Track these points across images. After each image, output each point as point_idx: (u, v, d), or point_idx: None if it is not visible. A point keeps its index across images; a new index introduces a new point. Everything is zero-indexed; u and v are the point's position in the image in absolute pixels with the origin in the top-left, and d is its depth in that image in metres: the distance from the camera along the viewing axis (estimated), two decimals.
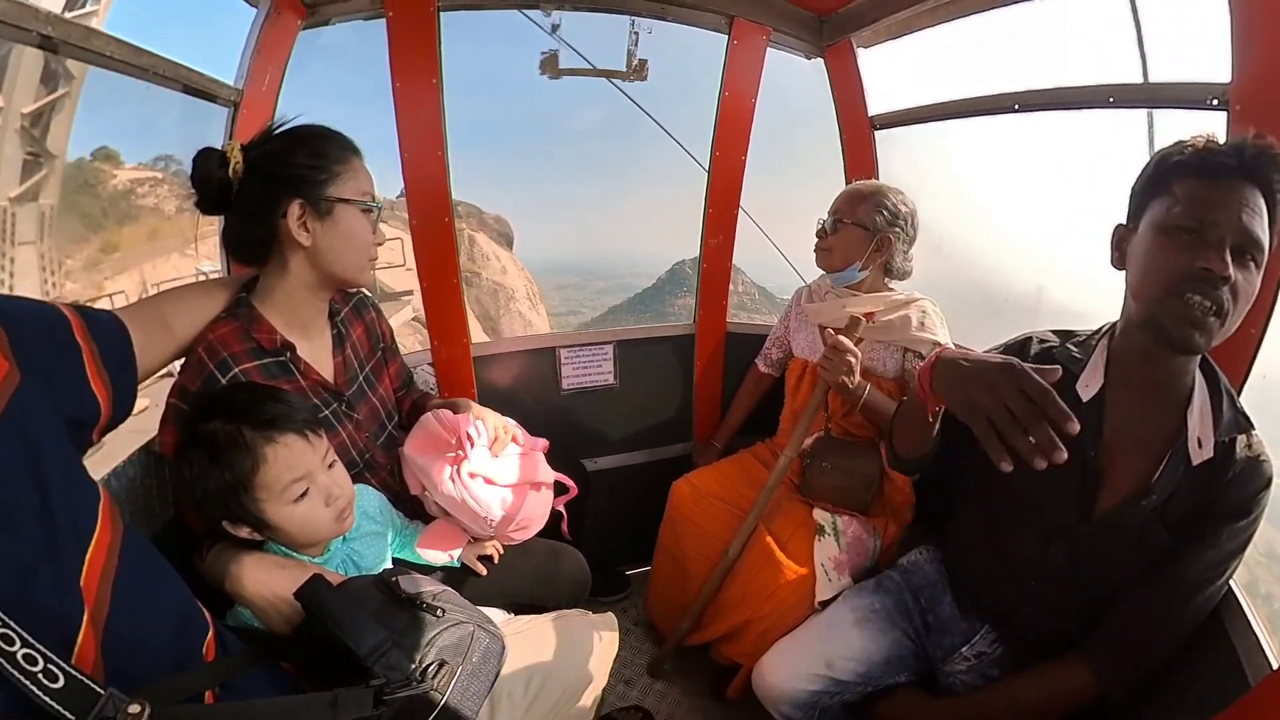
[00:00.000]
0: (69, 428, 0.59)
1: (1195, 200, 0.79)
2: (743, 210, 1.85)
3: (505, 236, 30.78)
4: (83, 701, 0.47)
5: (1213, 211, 0.78)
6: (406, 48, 1.44)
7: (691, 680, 1.60)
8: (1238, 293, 0.78)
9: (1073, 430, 0.63)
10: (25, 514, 0.49)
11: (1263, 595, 15.94)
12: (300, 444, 0.80)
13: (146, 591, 0.59)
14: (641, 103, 2.32)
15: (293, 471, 0.79)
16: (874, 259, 1.44)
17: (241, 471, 0.76)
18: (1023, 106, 1.42)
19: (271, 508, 0.79)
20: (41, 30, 0.89)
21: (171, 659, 0.59)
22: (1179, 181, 0.82)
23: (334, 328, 1.07)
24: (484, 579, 1.14)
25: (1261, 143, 0.78)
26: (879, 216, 1.41)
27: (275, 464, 0.78)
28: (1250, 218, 0.77)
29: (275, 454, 0.78)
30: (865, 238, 1.42)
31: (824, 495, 1.41)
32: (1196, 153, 0.81)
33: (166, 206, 12.79)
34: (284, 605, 0.79)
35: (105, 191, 11.89)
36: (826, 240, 1.47)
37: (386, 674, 0.66)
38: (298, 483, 0.80)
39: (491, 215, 32.05)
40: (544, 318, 29.81)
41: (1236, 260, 0.77)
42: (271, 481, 0.78)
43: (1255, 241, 0.77)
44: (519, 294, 26.51)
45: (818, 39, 1.76)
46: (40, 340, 0.58)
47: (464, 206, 28.47)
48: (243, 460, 0.76)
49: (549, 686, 0.94)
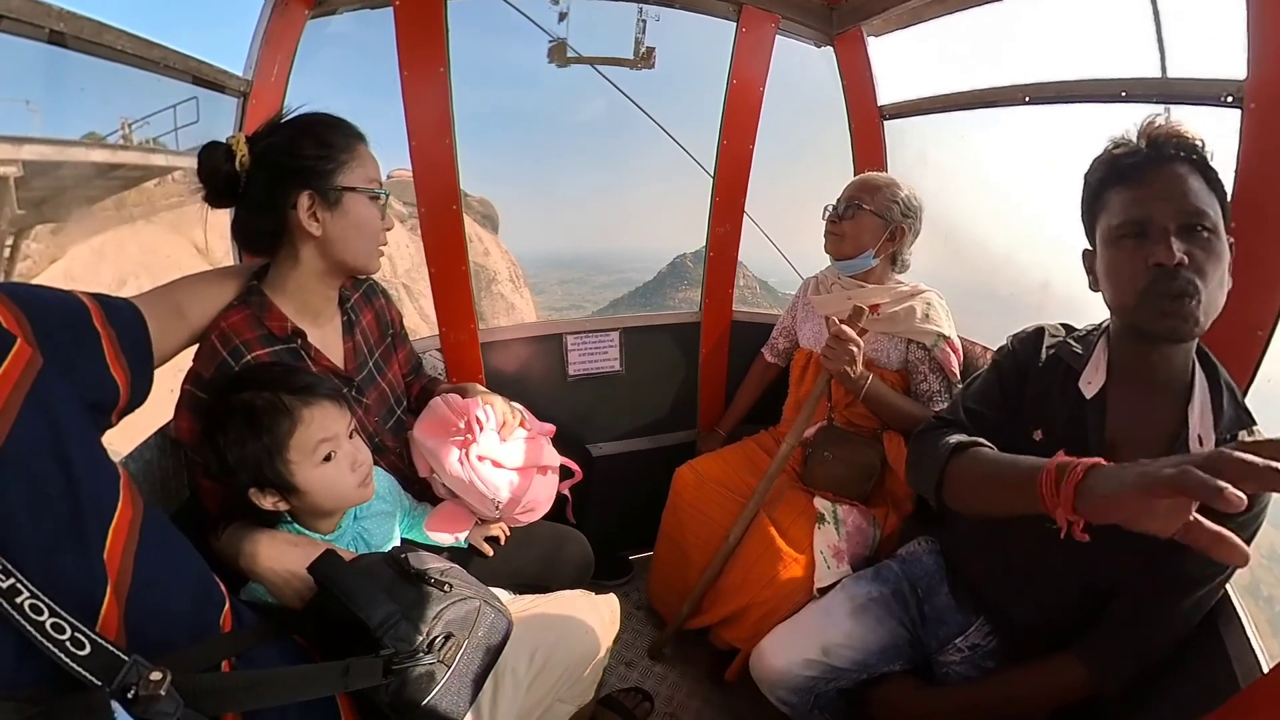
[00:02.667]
0: (89, 410, 0.61)
1: (1125, 204, 0.82)
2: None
3: (490, 219, 30.60)
4: (108, 668, 0.49)
5: (1143, 207, 0.80)
6: (414, 37, 1.44)
7: (691, 664, 1.62)
8: (1202, 267, 0.78)
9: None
10: (51, 491, 0.51)
11: (1264, 597, 15.78)
12: (332, 408, 0.86)
13: (166, 565, 0.61)
14: (647, 92, 2.30)
15: (324, 431, 0.84)
16: (886, 248, 1.45)
17: (280, 433, 0.80)
18: (1034, 99, 1.41)
19: (302, 470, 0.82)
20: (54, 26, 0.91)
21: (190, 630, 0.62)
22: (1108, 192, 0.85)
23: (344, 314, 1.09)
24: (490, 560, 1.16)
25: (1164, 126, 0.82)
26: (896, 206, 1.42)
27: (310, 425, 0.82)
28: (1183, 195, 0.79)
29: (311, 415, 0.82)
30: (880, 226, 1.42)
31: (824, 484, 1.42)
32: (1111, 161, 0.84)
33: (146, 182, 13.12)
34: (297, 580, 0.82)
35: (87, 172, 12.27)
36: (840, 225, 1.46)
37: (395, 645, 0.69)
38: (326, 443, 0.84)
39: (476, 197, 31.96)
40: (529, 302, 29.53)
41: (1187, 239, 0.78)
42: (305, 442, 0.82)
43: (1196, 213, 0.78)
44: (501, 276, 26.38)
45: (827, 27, 1.75)
46: (62, 327, 0.60)
47: None
48: (282, 422, 0.80)
49: (551, 664, 0.96)
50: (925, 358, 1.39)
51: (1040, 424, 0.96)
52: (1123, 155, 0.84)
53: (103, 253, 11.38)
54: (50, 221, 10.93)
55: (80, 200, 11.27)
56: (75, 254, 11.04)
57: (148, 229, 12.54)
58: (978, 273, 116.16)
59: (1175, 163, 0.80)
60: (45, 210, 10.77)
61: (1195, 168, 0.81)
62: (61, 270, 10.66)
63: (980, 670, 1.07)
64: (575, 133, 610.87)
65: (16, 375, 0.51)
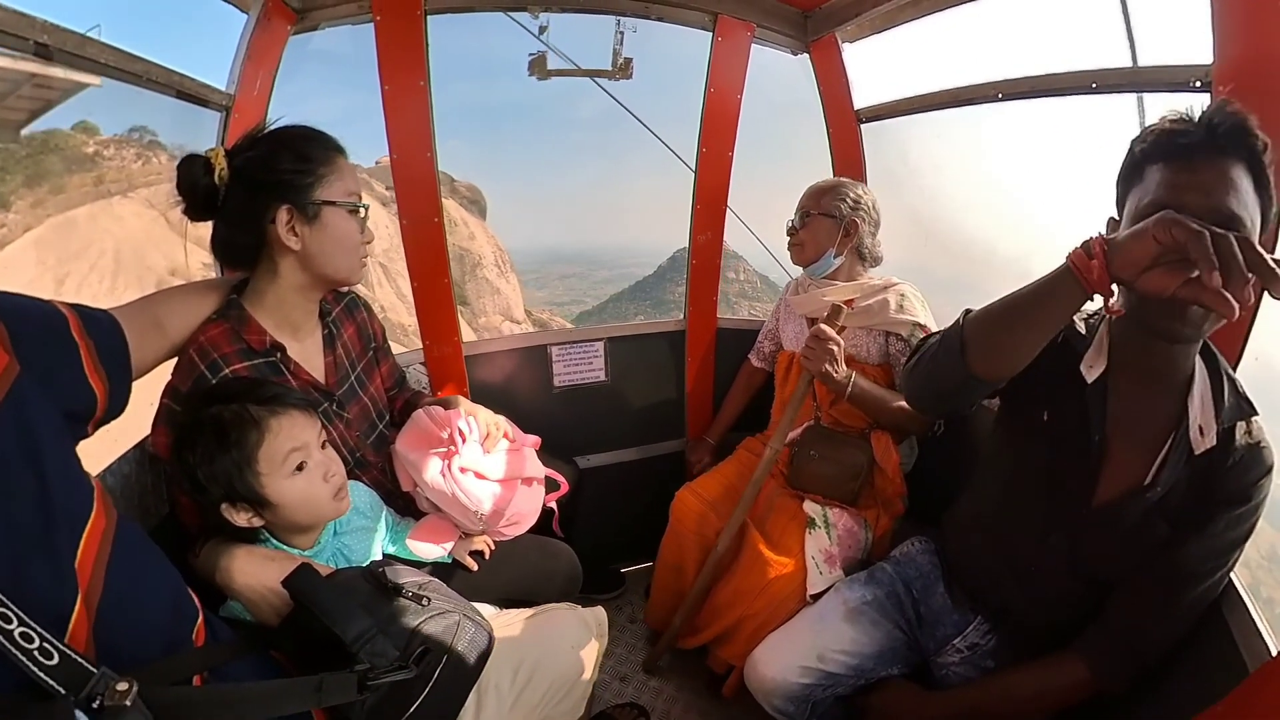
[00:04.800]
0: (65, 420, 0.60)
1: (1162, 186, 0.76)
2: (730, 209, 1.86)
3: (477, 204, 30.71)
4: (75, 678, 0.48)
5: (1176, 194, 0.74)
6: (394, 51, 1.45)
7: (687, 677, 1.60)
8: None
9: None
10: (23, 499, 0.50)
11: (1264, 599, 15.73)
12: (301, 417, 0.85)
13: (139, 577, 0.61)
14: (635, 97, 2.32)
15: (293, 441, 0.82)
16: (845, 244, 1.48)
17: (248, 445, 0.79)
18: (1006, 95, 1.43)
19: (273, 482, 0.81)
20: (38, 38, 0.91)
21: (162, 643, 0.61)
22: (1150, 168, 0.78)
23: (325, 328, 1.08)
24: (475, 574, 1.14)
25: (1233, 114, 0.74)
26: (843, 204, 1.46)
27: (279, 435, 0.81)
28: (1224, 194, 0.72)
29: (279, 424, 0.81)
30: (833, 225, 1.47)
31: (811, 484, 1.41)
32: (1160, 136, 0.77)
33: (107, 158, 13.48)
34: (273, 596, 0.80)
35: (73, 154, 12.63)
36: (798, 236, 1.52)
37: (371, 660, 0.67)
38: (296, 452, 0.82)
39: (464, 184, 32.24)
40: (515, 287, 29.58)
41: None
42: (274, 453, 0.80)
43: (1230, 218, 0.71)
44: (486, 260, 26.53)
45: (802, 34, 1.77)
46: (39, 336, 0.60)
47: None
48: (249, 434, 0.79)
49: (536, 679, 0.94)
50: (905, 349, 1.39)
51: (1048, 406, 0.95)
52: (1176, 132, 0.76)
53: (75, 221, 11.68)
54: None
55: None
56: (51, 224, 11.37)
57: (123, 203, 12.84)
58: (959, 266, 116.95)
59: (1227, 156, 0.73)
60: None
61: (1248, 168, 0.74)
62: (34, 238, 11.07)
63: (980, 670, 1.06)
64: (574, 129, 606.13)
65: None
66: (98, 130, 14.02)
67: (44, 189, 11.69)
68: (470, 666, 0.78)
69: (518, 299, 29.81)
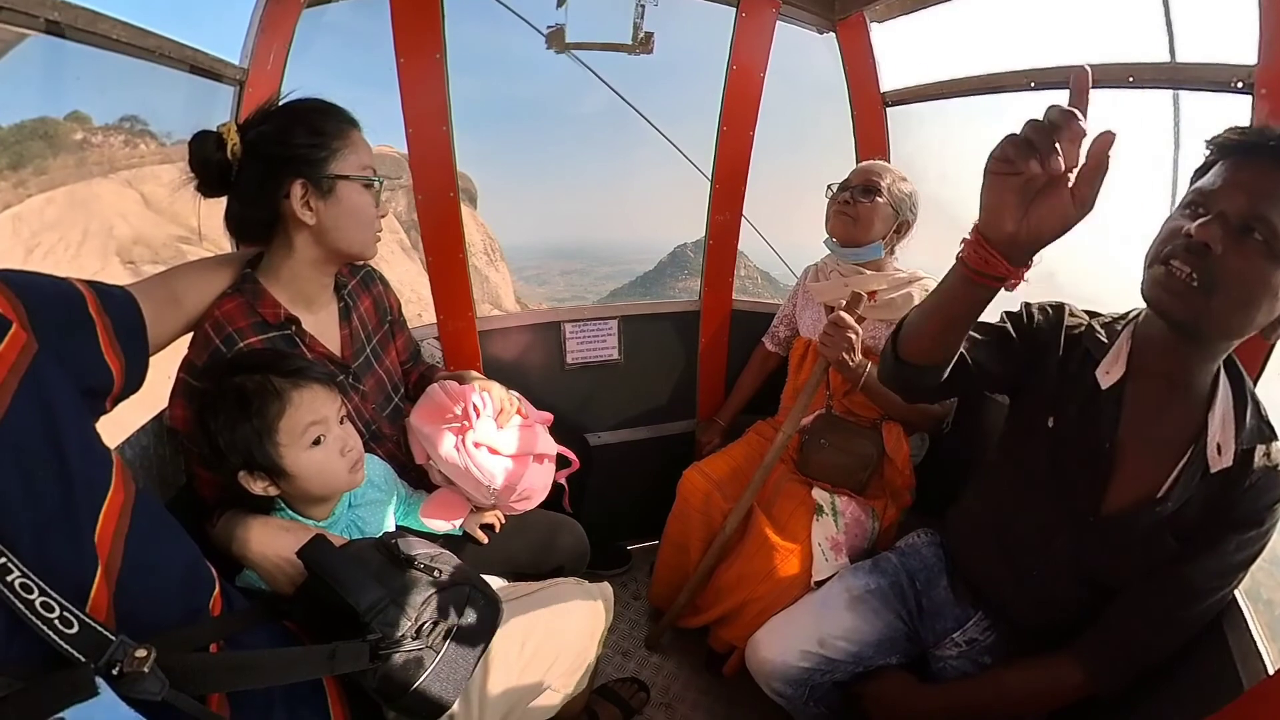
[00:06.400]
0: (84, 396, 0.61)
1: (1208, 176, 0.77)
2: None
3: (467, 193, 30.61)
4: (95, 646, 0.50)
5: (1214, 184, 0.75)
6: (409, 24, 1.42)
7: (688, 654, 1.63)
8: (1228, 270, 0.72)
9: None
10: (44, 473, 0.51)
11: (1264, 601, 15.75)
12: (322, 392, 0.86)
13: (157, 549, 0.62)
14: (646, 82, 2.28)
15: (313, 414, 0.84)
16: (894, 240, 1.44)
17: (269, 415, 0.80)
18: (1039, 84, 1.39)
19: (291, 453, 0.82)
20: (48, 15, 0.90)
21: (179, 612, 0.62)
22: (1214, 164, 0.78)
23: (340, 300, 1.08)
24: (484, 547, 1.17)
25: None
26: (906, 200, 1.42)
27: (300, 407, 0.82)
28: (1259, 194, 0.72)
29: (300, 397, 0.83)
30: (892, 218, 1.42)
31: (820, 472, 1.41)
32: (1230, 133, 0.78)
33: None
34: (288, 566, 0.82)
35: (63, 142, 12.93)
36: (855, 209, 1.42)
37: (383, 630, 0.69)
38: (315, 425, 0.84)
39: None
40: (505, 276, 29.48)
41: (1238, 238, 0.72)
42: (294, 425, 0.82)
43: (1257, 217, 0.71)
44: (475, 248, 26.57)
45: (829, 13, 1.72)
46: (57, 314, 0.61)
47: None
48: (271, 404, 0.80)
49: (542, 651, 0.96)
50: None
51: (1054, 411, 0.94)
52: (1240, 133, 0.77)
53: (54, 199, 11.94)
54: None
55: None
56: (30, 203, 11.68)
57: (103, 183, 13.10)
58: None
59: (1274, 159, 0.73)
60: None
61: None
62: (13, 214, 11.27)
63: (977, 666, 1.07)
64: (577, 124, 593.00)
65: (12, 359, 0.51)
66: (89, 120, 14.23)
67: (28, 170, 11.96)
68: (479, 637, 0.79)
69: (508, 288, 29.85)
